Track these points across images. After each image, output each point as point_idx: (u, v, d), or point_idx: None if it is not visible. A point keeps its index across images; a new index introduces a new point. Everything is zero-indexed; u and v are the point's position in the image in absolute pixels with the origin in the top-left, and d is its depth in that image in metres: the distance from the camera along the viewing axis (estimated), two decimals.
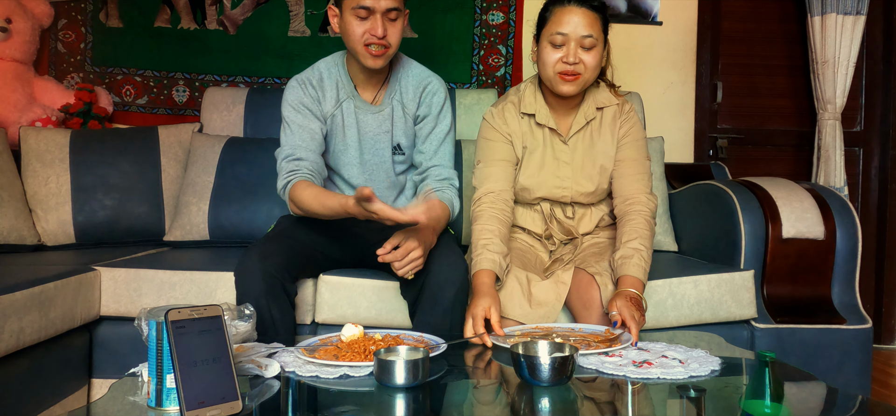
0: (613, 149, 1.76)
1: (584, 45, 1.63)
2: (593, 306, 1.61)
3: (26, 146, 2.32)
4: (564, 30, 1.62)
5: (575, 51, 1.63)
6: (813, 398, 1.18)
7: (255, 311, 1.38)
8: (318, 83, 1.81)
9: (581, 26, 1.62)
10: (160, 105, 2.87)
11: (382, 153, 1.84)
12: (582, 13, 1.62)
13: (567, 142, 1.76)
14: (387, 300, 1.79)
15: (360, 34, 1.68)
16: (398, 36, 1.72)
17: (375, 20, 1.66)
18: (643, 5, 2.95)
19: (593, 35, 1.63)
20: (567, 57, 1.63)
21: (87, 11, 2.84)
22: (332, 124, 1.82)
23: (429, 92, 1.84)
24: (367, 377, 1.17)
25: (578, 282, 1.66)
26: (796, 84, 3.07)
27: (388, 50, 1.71)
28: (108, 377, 1.89)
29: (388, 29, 1.68)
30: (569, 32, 1.62)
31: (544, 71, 1.68)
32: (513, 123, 1.76)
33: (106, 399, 1.08)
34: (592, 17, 1.63)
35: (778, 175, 2.29)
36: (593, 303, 1.61)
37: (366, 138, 1.83)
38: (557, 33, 1.63)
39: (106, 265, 1.89)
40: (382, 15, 1.66)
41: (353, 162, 1.83)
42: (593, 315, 1.61)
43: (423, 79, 1.85)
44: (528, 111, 1.76)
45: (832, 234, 1.94)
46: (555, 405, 1.07)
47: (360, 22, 1.67)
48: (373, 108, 1.83)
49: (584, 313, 1.64)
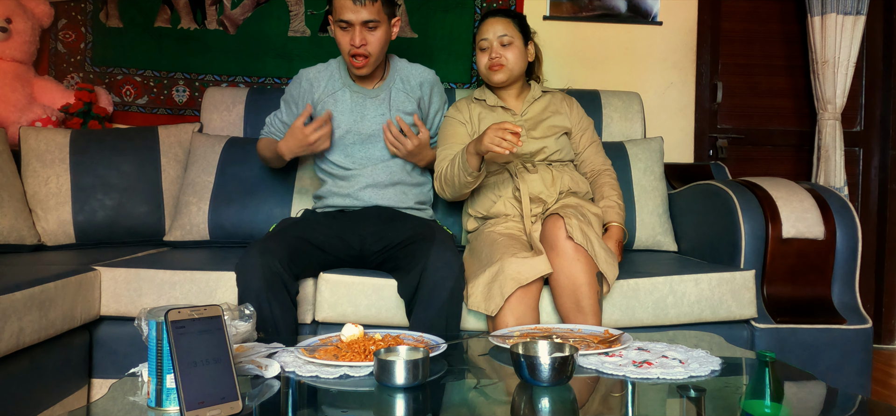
0: (565, 120, 2.10)
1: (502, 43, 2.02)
2: (559, 242, 1.68)
3: (26, 146, 2.32)
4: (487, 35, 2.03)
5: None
6: (813, 398, 1.18)
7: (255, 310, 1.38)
8: (315, 74, 2.02)
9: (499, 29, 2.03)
10: (160, 105, 2.87)
11: (378, 136, 1.98)
12: (497, 21, 2.05)
13: (517, 114, 2.09)
14: (387, 299, 1.79)
15: (344, 43, 1.90)
16: (378, 44, 1.90)
17: (354, 31, 1.86)
18: (643, 5, 2.95)
19: (508, 34, 2.01)
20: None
21: (87, 11, 2.84)
22: (322, 110, 1.97)
23: (428, 82, 2.07)
24: (367, 377, 1.17)
25: (545, 228, 1.75)
26: (796, 84, 3.07)
27: (369, 59, 1.90)
28: (108, 377, 1.89)
29: (366, 38, 1.87)
30: (490, 37, 2.02)
31: (481, 71, 2.08)
32: (465, 111, 2.08)
33: (106, 399, 1.08)
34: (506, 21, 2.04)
35: (778, 175, 2.29)
36: (558, 240, 1.68)
37: (364, 122, 1.97)
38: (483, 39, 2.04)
39: (106, 265, 1.89)
40: (361, 26, 1.86)
41: (345, 144, 1.98)
42: (560, 254, 1.68)
43: (421, 73, 2.08)
44: (480, 97, 2.12)
45: (832, 234, 1.94)
46: (555, 405, 1.07)
47: (343, 33, 1.88)
48: (371, 92, 2.01)
49: (552, 256, 1.70)
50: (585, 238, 1.68)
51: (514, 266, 1.66)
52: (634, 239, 2.29)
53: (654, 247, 2.31)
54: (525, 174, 1.97)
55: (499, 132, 1.69)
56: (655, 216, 2.30)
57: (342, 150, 1.97)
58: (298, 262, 1.72)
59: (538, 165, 2.00)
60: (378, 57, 1.92)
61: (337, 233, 1.86)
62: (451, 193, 1.95)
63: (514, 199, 1.96)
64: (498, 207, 1.97)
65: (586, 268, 1.67)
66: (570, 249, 1.67)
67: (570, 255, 1.67)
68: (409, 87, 2.03)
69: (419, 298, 1.66)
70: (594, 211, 1.93)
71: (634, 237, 2.29)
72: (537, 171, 1.98)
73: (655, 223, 2.30)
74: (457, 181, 1.88)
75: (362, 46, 1.87)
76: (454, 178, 1.88)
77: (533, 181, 1.96)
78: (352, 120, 1.97)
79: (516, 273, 1.65)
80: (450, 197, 1.97)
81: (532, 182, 1.96)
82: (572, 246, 1.67)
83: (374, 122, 1.97)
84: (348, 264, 1.88)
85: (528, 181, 1.96)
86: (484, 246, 1.85)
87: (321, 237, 1.83)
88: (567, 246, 1.68)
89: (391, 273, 1.81)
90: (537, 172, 1.98)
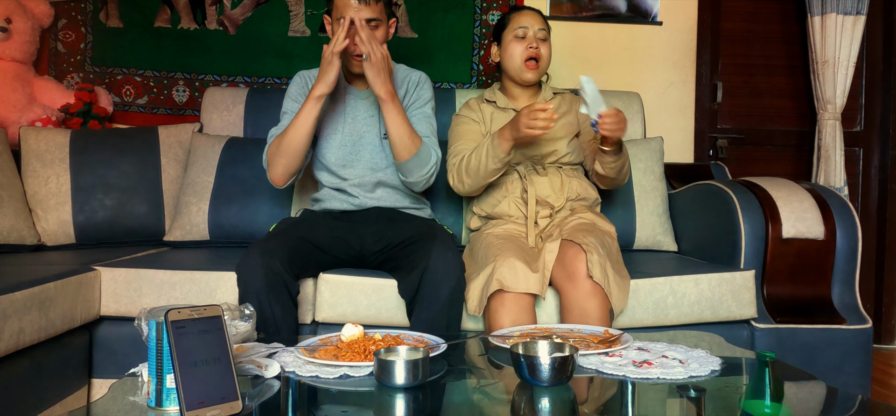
0: (574, 120, 2.07)
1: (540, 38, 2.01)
2: (578, 277, 1.65)
3: (26, 146, 2.32)
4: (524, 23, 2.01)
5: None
6: (813, 398, 1.18)
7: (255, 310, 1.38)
8: (312, 76, 1.98)
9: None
10: (160, 105, 2.87)
11: (370, 137, 1.97)
12: (534, 13, 2.04)
13: None
14: (387, 299, 1.79)
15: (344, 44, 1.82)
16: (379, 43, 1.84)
17: (355, 32, 1.80)
18: (643, 5, 2.95)
19: (545, 29, 2.02)
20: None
21: (87, 11, 2.84)
22: (321, 110, 1.91)
23: (412, 81, 2.01)
24: (367, 377, 1.17)
25: (564, 253, 1.71)
26: (796, 84, 3.07)
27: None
28: (108, 377, 1.89)
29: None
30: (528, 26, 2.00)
31: (512, 63, 2.02)
32: (476, 110, 2.08)
33: (106, 399, 1.08)
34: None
35: (778, 175, 2.29)
36: (578, 275, 1.65)
37: (356, 122, 1.97)
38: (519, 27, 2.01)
39: (106, 265, 1.89)
40: (361, 27, 1.79)
41: (336, 144, 1.96)
42: (578, 288, 1.64)
43: (407, 72, 2.03)
44: (491, 98, 2.10)
45: (832, 234, 1.94)
46: (555, 405, 1.07)
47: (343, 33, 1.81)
48: (362, 94, 1.99)
49: (567, 286, 1.67)
50: (604, 276, 1.65)
51: (504, 271, 1.65)
52: (634, 239, 2.29)
53: (654, 247, 2.31)
54: (534, 176, 1.96)
55: (531, 115, 1.69)
56: (655, 216, 2.31)
57: (336, 151, 1.96)
58: (299, 262, 1.72)
59: (548, 167, 1.99)
60: None
61: (337, 233, 1.87)
62: (470, 185, 1.92)
63: (521, 200, 1.95)
64: (502, 207, 1.96)
65: (600, 304, 1.65)
66: (588, 286, 1.65)
67: (587, 291, 1.65)
68: (395, 84, 1.96)
69: (420, 298, 1.65)
70: (610, 231, 1.91)
71: (634, 237, 2.29)
72: (547, 174, 1.97)
73: (655, 223, 2.30)
74: (482, 170, 1.86)
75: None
76: (479, 167, 1.86)
77: (541, 184, 1.95)
78: (346, 121, 1.97)
79: (503, 278, 1.65)
80: (467, 190, 1.95)
81: (540, 184, 1.95)
82: (591, 284, 1.65)
83: (365, 123, 1.97)
84: (348, 265, 1.88)
85: (536, 184, 1.94)
86: (480, 248, 1.85)
87: (321, 238, 1.83)
88: (586, 284, 1.65)
89: (392, 273, 1.81)
90: (547, 175, 1.97)
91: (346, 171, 1.96)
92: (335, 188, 1.98)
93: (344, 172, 1.96)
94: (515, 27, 2.00)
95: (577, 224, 1.87)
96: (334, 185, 1.97)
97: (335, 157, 1.96)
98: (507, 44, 2.02)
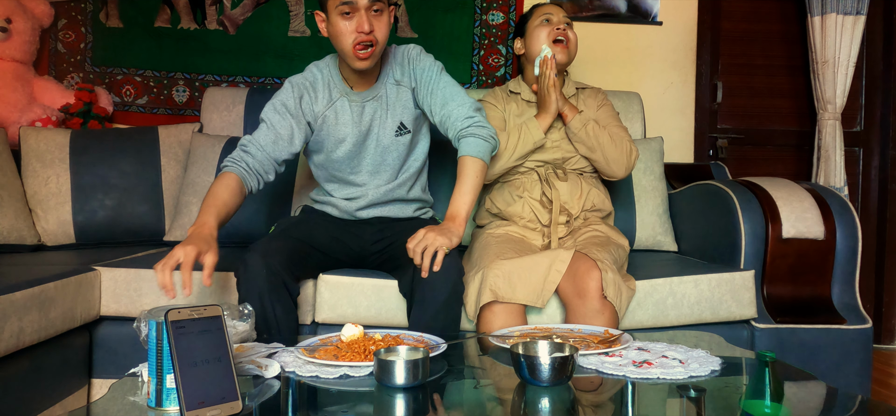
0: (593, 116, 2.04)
1: None
2: (589, 295, 1.61)
3: (26, 146, 2.32)
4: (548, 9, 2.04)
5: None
6: (813, 398, 1.18)
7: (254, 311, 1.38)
8: (311, 85, 1.83)
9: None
10: (160, 105, 2.87)
11: (386, 138, 1.84)
12: (557, 6, 2.06)
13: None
14: (387, 299, 1.79)
15: (347, 33, 1.68)
16: (385, 31, 1.72)
17: (361, 17, 1.66)
18: (643, 5, 2.95)
19: (569, 21, 2.04)
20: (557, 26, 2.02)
21: (87, 11, 2.84)
22: (323, 124, 1.82)
23: (410, 60, 1.85)
24: (367, 377, 1.17)
25: (577, 267, 1.66)
26: (796, 84, 3.07)
27: (375, 47, 1.70)
28: (108, 377, 1.89)
29: (373, 24, 1.68)
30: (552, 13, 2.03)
31: (540, 45, 2.00)
32: (500, 99, 2.09)
33: (106, 399, 1.07)
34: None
35: (778, 175, 2.29)
36: (590, 292, 1.61)
37: (367, 127, 1.83)
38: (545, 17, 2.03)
39: (106, 265, 1.89)
40: (366, 10, 1.67)
41: (351, 157, 1.84)
42: (588, 304, 1.61)
43: (402, 53, 1.87)
44: (515, 90, 2.11)
45: (832, 234, 1.94)
46: (555, 405, 1.07)
47: (346, 21, 1.67)
48: (367, 95, 1.83)
49: (576, 301, 1.63)
50: (617, 294, 1.63)
51: (498, 281, 1.64)
52: (634, 239, 2.29)
53: (654, 247, 2.31)
54: (555, 180, 1.93)
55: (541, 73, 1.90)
56: (655, 216, 2.31)
57: (347, 163, 1.86)
58: (299, 263, 1.71)
59: (569, 173, 1.96)
60: (382, 48, 1.76)
61: (337, 235, 1.85)
62: (494, 168, 1.90)
63: (539, 203, 1.92)
64: (515, 207, 1.93)
65: (608, 321, 1.62)
66: (599, 304, 1.62)
67: (598, 308, 1.62)
68: (397, 75, 1.86)
69: (417, 298, 1.64)
70: (624, 244, 1.89)
71: (634, 237, 2.29)
72: (567, 179, 1.94)
73: (655, 223, 2.30)
74: (520, 148, 1.89)
75: (371, 33, 1.67)
76: (515, 147, 1.89)
77: (562, 189, 1.92)
78: (355, 130, 1.83)
79: (497, 288, 1.63)
80: (490, 174, 1.91)
81: (561, 189, 1.92)
82: (602, 302, 1.62)
83: (375, 126, 1.84)
84: (348, 265, 1.87)
85: (557, 188, 1.92)
86: (478, 248, 1.85)
87: (321, 239, 1.82)
88: (597, 302, 1.62)
89: (391, 273, 1.80)
90: (567, 180, 1.93)
91: (358, 187, 1.88)
92: (343, 207, 1.90)
93: (354, 188, 1.89)
94: (541, 15, 2.01)
95: (591, 237, 1.84)
96: (345, 195, 1.90)
97: (348, 171, 1.87)
98: (533, 30, 2.01)
